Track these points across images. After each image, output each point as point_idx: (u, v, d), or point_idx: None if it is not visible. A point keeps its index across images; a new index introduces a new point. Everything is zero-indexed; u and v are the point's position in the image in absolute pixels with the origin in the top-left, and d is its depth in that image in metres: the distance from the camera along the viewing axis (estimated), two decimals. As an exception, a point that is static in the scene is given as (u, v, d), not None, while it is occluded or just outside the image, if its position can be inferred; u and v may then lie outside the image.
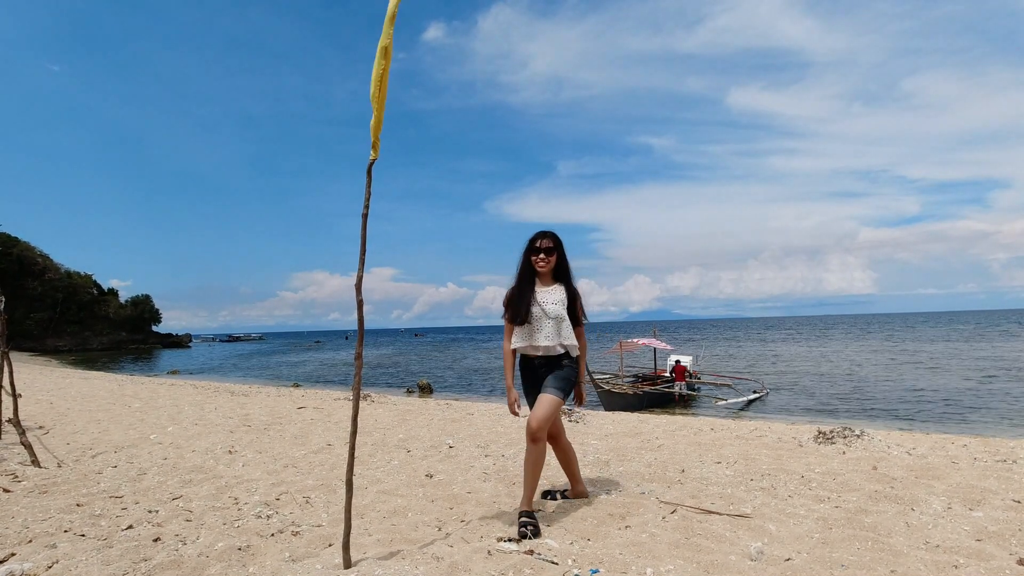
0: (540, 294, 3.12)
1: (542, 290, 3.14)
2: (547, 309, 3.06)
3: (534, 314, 3.07)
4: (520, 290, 3.12)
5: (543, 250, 3.12)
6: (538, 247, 3.13)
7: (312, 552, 2.61)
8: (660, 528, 2.88)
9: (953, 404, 13.90)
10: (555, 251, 3.13)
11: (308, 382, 22.75)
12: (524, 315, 3.07)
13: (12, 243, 56.82)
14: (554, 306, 3.07)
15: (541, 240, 3.15)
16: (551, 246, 3.13)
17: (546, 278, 3.19)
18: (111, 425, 6.88)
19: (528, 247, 3.17)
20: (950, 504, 3.24)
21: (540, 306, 3.07)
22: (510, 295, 3.15)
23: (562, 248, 3.18)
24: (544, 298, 3.10)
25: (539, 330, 3.07)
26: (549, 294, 3.12)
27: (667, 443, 5.46)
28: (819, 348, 38.54)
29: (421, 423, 7.06)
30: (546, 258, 3.13)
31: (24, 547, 2.65)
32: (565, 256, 3.20)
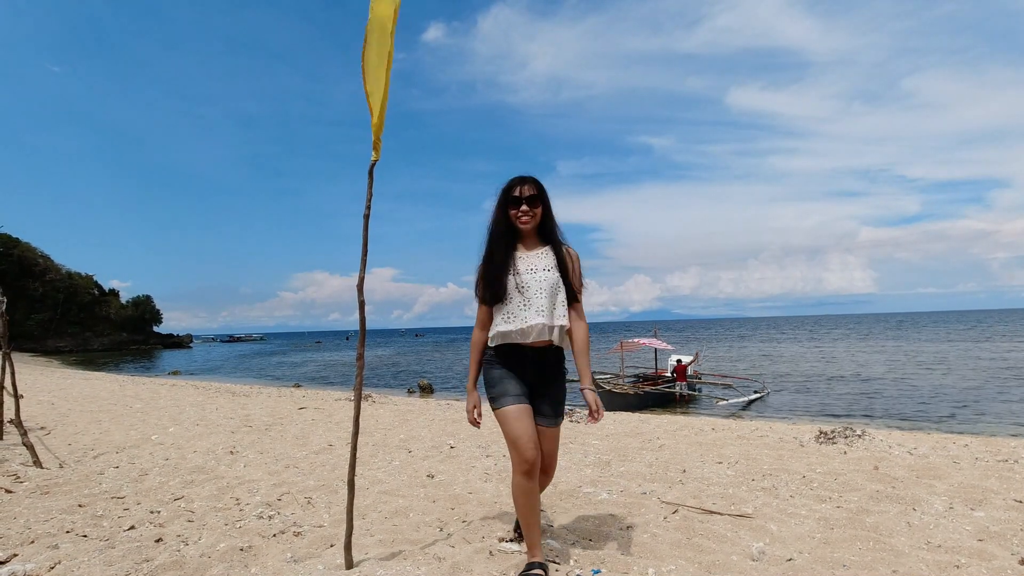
0: (525, 260, 2.39)
1: (527, 255, 2.41)
2: (538, 276, 2.33)
3: (520, 285, 2.33)
4: (497, 255, 2.38)
5: (525, 200, 2.37)
6: (517, 196, 2.37)
7: (314, 553, 2.61)
8: (662, 528, 2.88)
9: (954, 404, 13.89)
10: (540, 201, 2.40)
11: (309, 383, 22.76)
12: (505, 288, 2.33)
13: (13, 244, 56.87)
14: (547, 272, 2.35)
15: (521, 187, 2.38)
16: (534, 194, 2.38)
17: (530, 238, 2.45)
18: (112, 426, 6.88)
19: (503, 198, 2.41)
20: (952, 504, 3.23)
21: (528, 274, 2.35)
22: (485, 264, 2.42)
23: (547, 198, 2.45)
24: (532, 264, 2.38)
25: (527, 306, 2.32)
26: (538, 259, 2.39)
27: (668, 443, 5.46)
28: (820, 348, 38.52)
29: (422, 423, 7.06)
30: (529, 210, 2.38)
31: (26, 548, 2.65)
32: (551, 208, 2.46)
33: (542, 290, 2.32)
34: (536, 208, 2.40)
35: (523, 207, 2.38)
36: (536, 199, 2.39)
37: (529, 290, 2.32)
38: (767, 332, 78.53)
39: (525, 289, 2.33)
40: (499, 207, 2.43)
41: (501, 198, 2.43)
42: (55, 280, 60.94)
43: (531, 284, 2.33)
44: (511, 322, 2.34)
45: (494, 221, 2.44)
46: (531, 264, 2.38)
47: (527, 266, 2.37)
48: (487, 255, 2.43)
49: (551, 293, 2.33)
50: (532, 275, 2.35)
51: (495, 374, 2.38)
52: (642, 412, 11.39)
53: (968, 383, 17.56)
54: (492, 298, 2.36)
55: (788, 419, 11.25)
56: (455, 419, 7.52)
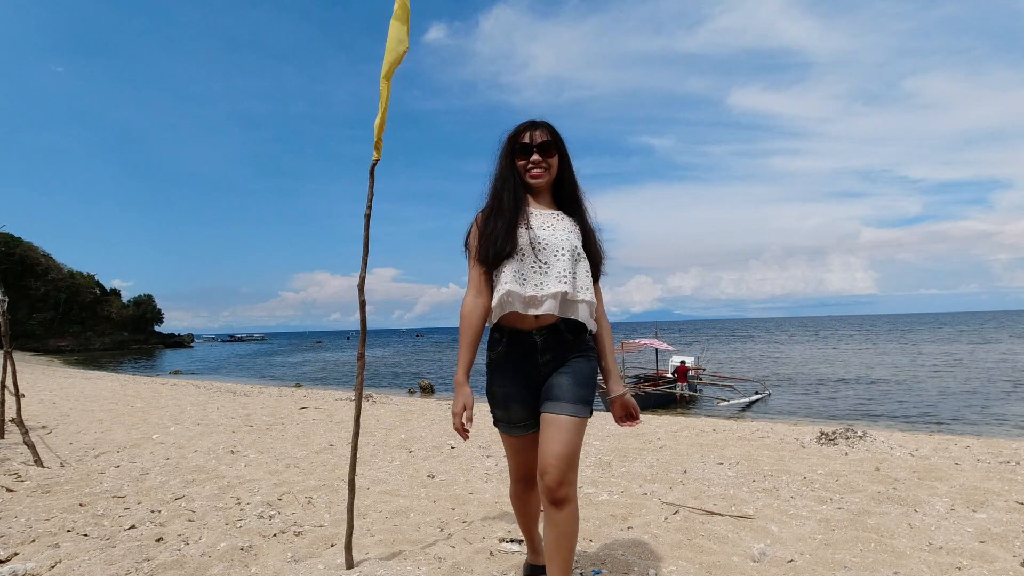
0: (538, 217, 1.89)
1: (540, 212, 1.91)
2: (557, 235, 1.83)
3: (535, 242, 1.80)
4: (505, 203, 1.85)
5: (536, 148, 1.85)
6: (527, 143, 1.86)
7: (314, 552, 2.61)
8: (662, 529, 2.87)
9: (956, 405, 13.86)
10: (556, 149, 1.89)
11: (310, 382, 22.77)
12: (511, 243, 1.79)
13: (15, 243, 56.98)
14: (566, 232, 1.85)
15: (531, 132, 1.87)
16: (548, 140, 1.86)
17: (543, 199, 1.94)
18: (114, 425, 6.89)
19: (509, 147, 1.90)
20: (953, 506, 3.23)
21: (544, 230, 1.83)
22: (487, 213, 1.89)
23: (565, 146, 1.92)
24: (547, 222, 1.87)
25: (543, 269, 1.79)
26: (554, 219, 1.89)
27: (669, 444, 5.45)
28: (821, 349, 38.48)
29: (423, 423, 7.06)
30: (542, 160, 1.86)
31: (27, 547, 2.65)
32: (570, 160, 1.95)
33: (563, 251, 1.80)
34: (551, 158, 1.88)
35: (534, 156, 1.86)
36: (551, 146, 1.87)
37: (547, 250, 1.80)
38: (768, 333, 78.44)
39: (541, 248, 1.80)
40: (503, 158, 1.91)
41: (506, 147, 1.91)
42: (57, 279, 61.06)
43: (551, 243, 1.81)
44: (522, 283, 1.78)
45: (497, 176, 1.92)
46: (546, 222, 1.87)
47: (542, 222, 1.86)
48: (492, 203, 1.89)
49: (573, 258, 1.82)
50: (550, 232, 1.83)
51: (499, 393, 1.87)
52: (643, 413, 11.39)
53: (970, 385, 17.53)
54: (496, 256, 1.80)
55: (789, 420, 11.24)
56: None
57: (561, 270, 1.78)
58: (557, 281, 1.77)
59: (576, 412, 1.74)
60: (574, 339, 1.84)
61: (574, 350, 1.83)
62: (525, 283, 1.79)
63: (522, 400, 1.85)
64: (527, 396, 1.85)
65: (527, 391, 1.85)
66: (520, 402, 1.85)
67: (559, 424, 1.73)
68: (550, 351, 1.82)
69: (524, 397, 1.85)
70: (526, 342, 1.82)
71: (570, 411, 1.74)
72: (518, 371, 1.84)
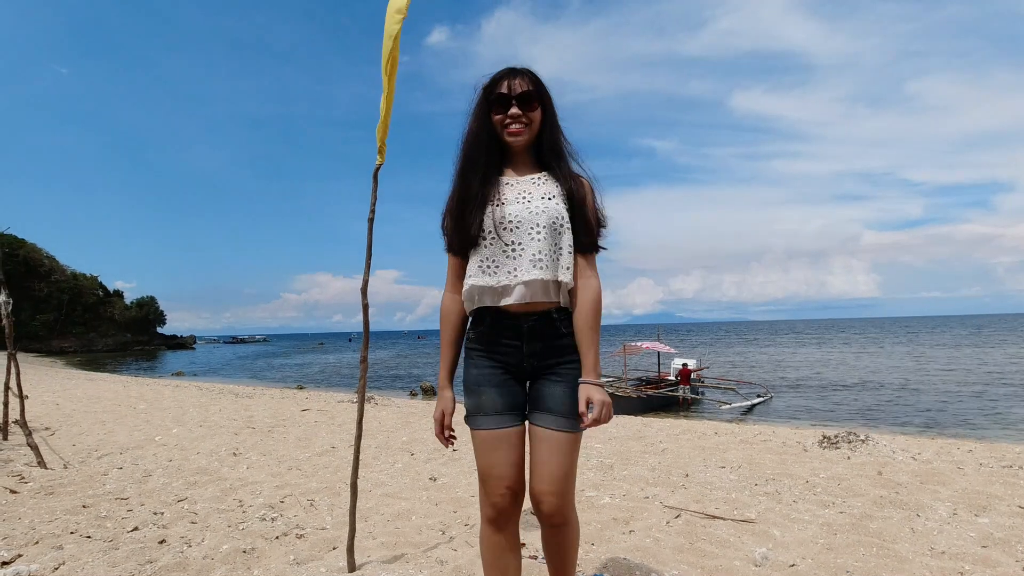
0: (514, 187, 1.62)
1: (518, 180, 1.64)
2: (533, 207, 1.57)
3: (505, 220, 1.56)
4: (472, 177, 1.61)
5: (516, 99, 1.58)
6: (505, 93, 1.59)
7: (316, 555, 2.61)
8: (664, 533, 2.87)
9: (958, 409, 13.82)
10: (538, 101, 1.62)
11: (312, 384, 22.79)
12: (481, 225, 1.57)
13: (18, 245, 57.18)
14: (544, 201, 1.58)
15: (510, 80, 1.60)
16: (529, 90, 1.59)
17: (523, 160, 1.68)
18: (116, 427, 6.90)
19: (483, 98, 1.63)
20: (956, 510, 3.22)
21: (518, 203, 1.58)
22: (455, 192, 1.66)
23: (550, 98, 1.65)
24: (524, 191, 1.61)
25: (516, 252, 1.56)
26: (533, 186, 1.63)
27: (671, 447, 5.45)
28: (823, 352, 38.40)
29: (425, 426, 7.06)
30: (523, 115, 1.59)
31: (31, 548, 2.66)
32: (555, 114, 1.67)
33: (539, 227, 1.55)
34: (533, 111, 1.60)
35: (513, 110, 1.58)
36: (532, 98, 1.59)
37: (520, 229, 1.55)
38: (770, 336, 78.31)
39: (514, 227, 1.56)
40: (477, 112, 1.64)
41: (480, 98, 1.63)
42: (60, 281, 61.28)
43: (523, 219, 1.56)
44: (491, 273, 1.57)
45: (468, 133, 1.65)
46: (523, 191, 1.61)
47: (517, 194, 1.60)
48: (459, 174, 1.65)
49: (552, 232, 1.56)
50: (524, 205, 1.57)
51: (471, 375, 1.63)
52: (645, 416, 11.37)
53: (973, 388, 17.48)
54: (462, 242, 1.60)
55: (791, 423, 11.22)
56: (457, 421, 7.52)
57: (536, 251, 1.54)
58: (531, 264, 1.53)
59: (572, 427, 1.55)
60: (568, 332, 1.58)
61: (570, 349, 1.58)
62: (497, 271, 1.56)
63: (498, 385, 1.59)
64: (504, 383, 1.60)
65: (506, 377, 1.60)
66: (496, 387, 1.59)
67: (553, 442, 1.54)
68: (539, 340, 1.57)
69: (500, 382, 1.59)
70: (509, 327, 1.59)
71: (566, 426, 1.54)
72: (498, 353, 1.60)
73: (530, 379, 1.63)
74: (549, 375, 1.59)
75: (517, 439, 1.59)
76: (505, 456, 1.57)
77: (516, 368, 1.60)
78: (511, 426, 1.59)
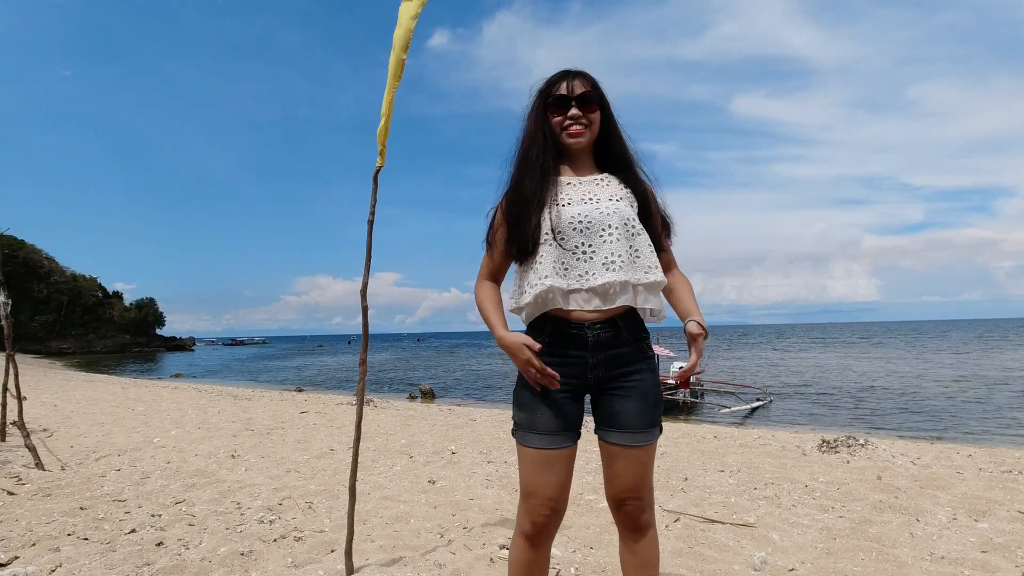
0: (577, 187, 1.57)
1: (579, 181, 1.59)
2: (603, 208, 1.51)
3: (574, 221, 1.50)
4: (530, 178, 1.55)
5: (575, 100, 1.55)
6: (565, 95, 1.55)
7: (314, 558, 2.61)
8: (663, 537, 2.86)
9: (958, 414, 13.81)
10: (597, 103, 1.57)
11: (311, 386, 22.76)
12: (536, 227, 1.51)
13: (18, 246, 57.22)
14: (613, 202, 1.52)
15: (569, 82, 1.56)
16: (587, 91, 1.56)
17: (582, 162, 1.63)
18: (115, 428, 6.89)
19: (541, 101, 1.60)
20: (955, 515, 3.22)
21: (586, 204, 1.52)
22: (511, 192, 1.59)
23: (607, 99, 1.61)
24: (589, 192, 1.56)
25: (589, 253, 1.49)
26: (597, 187, 1.57)
27: (670, 451, 5.44)
28: (823, 356, 38.40)
29: (424, 429, 7.06)
30: (583, 115, 1.56)
31: (27, 550, 2.65)
32: (614, 116, 1.62)
33: (611, 228, 1.49)
34: (592, 112, 1.56)
35: (572, 111, 1.54)
36: (592, 99, 1.55)
37: (590, 230, 1.49)
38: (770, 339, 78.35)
39: (583, 227, 1.49)
40: (533, 115, 1.60)
41: (538, 101, 1.59)
42: (59, 282, 61.29)
43: (594, 219, 1.49)
44: (564, 274, 1.48)
45: (525, 135, 1.60)
46: (587, 193, 1.55)
47: (582, 195, 1.55)
48: (517, 175, 1.58)
49: (626, 234, 1.49)
50: (593, 206, 1.51)
51: (525, 393, 1.53)
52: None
53: (973, 393, 17.47)
54: (520, 245, 1.52)
55: (791, 427, 11.22)
56: (456, 424, 7.51)
57: (609, 253, 1.47)
58: (605, 269, 1.46)
59: (651, 438, 1.51)
60: (634, 339, 1.51)
61: (636, 358, 1.51)
62: (567, 273, 1.48)
63: (554, 404, 1.49)
64: (561, 400, 1.49)
65: (564, 395, 1.50)
66: (552, 405, 1.49)
67: (632, 457, 1.50)
68: (603, 350, 1.49)
69: (557, 400, 1.49)
70: (574, 336, 1.49)
71: (645, 440, 1.49)
72: (559, 366, 1.48)
73: (594, 392, 1.54)
74: (616, 389, 1.50)
75: (568, 460, 1.53)
76: (554, 477, 1.51)
77: (578, 381, 1.51)
78: (563, 447, 1.51)
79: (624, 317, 1.51)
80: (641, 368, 1.52)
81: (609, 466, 1.53)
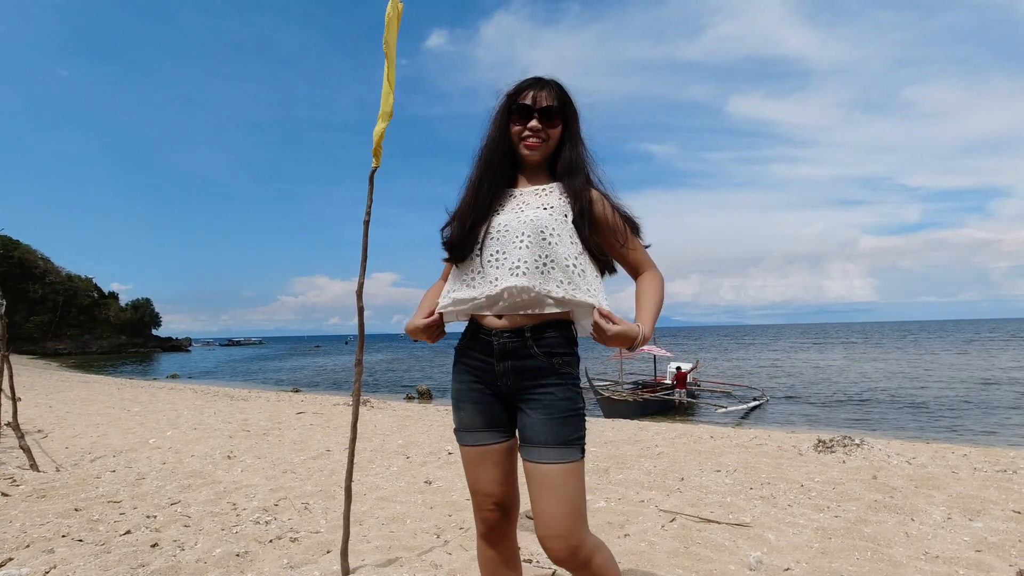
0: (518, 197, 1.56)
1: (522, 191, 1.58)
2: (524, 217, 1.48)
3: (494, 230, 1.50)
4: (481, 186, 1.55)
5: (538, 112, 1.51)
6: (527, 105, 1.52)
7: (310, 559, 2.60)
8: (659, 537, 2.87)
9: (954, 413, 13.87)
10: (561, 118, 1.54)
11: (308, 387, 22.72)
12: (474, 235, 1.52)
13: (13, 246, 57.00)
14: (539, 211, 1.49)
15: (536, 93, 1.52)
16: (552, 105, 1.52)
17: (537, 170, 1.61)
18: (110, 429, 6.87)
19: (507, 104, 1.55)
20: (950, 514, 3.23)
21: (512, 213, 1.51)
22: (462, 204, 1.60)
23: (576, 115, 1.58)
24: (524, 201, 1.54)
25: (500, 261, 1.47)
26: (535, 196, 1.55)
27: (667, 451, 5.45)
28: (820, 356, 38.50)
29: (420, 429, 7.05)
30: (542, 130, 1.53)
31: (21, 552, 2.64)
32: (580, 132, 1.59)
33: (523, 235, 1.46)
34: (553, 128, 1.53)
35: (532, 123, 1.51)
36: (554, 113, 1.52)
37: (506, 237, 1.47)
38: (768, 340, 78.54)
39: (500, 236, 1.49)
40: (497, 119, 1.56)
41: (503, 105, 1.55)
42: (55, 282, 61.06)
43: (511, 228, 1.48)
44: (472, 284, 1.51)
45: (488, 139, 1.58)
46: (522, 202, 1.54)
47: (516, 204, 1.54)
48: (469, 185, 1.59)
49: (538, 241, 1.44)
50: (516, 215, 1.50)
51: (454, 389, 1.59)
52: (641, 419, 11.37)
53: (967, 393, 17.54)
54: (453, 250, 1.55)
55: (787, 427, 11.24)
56: (452, 424, 7.50)
57: (516, 260, 1.44)
58: (510, 275, 1.43)
59: (561, 457, 1.38)
60: (545, 353, 1.44)
61: (546, 372, 1.44)
62: (474, 283, 1.50)
63: (477, 402, 1.52)
64: (483, 399, 1.52)
65: (483, 394, 1.52)
66: (474, 403, 1.52)
67: (545, 478, 1.38)
68: (509, 359, 1.46)
69: (479, 399, 1.52)
70: (484, 341, 1.50)
71: (553, 457, 1.38)
72: (475, 369, 1.53)
73: (507, 402, 1.51)
74: (524, 401, 1.46)
75: (499, 456, 1.52)
76: (488, 473, 1.52)
77: (492, 387, 1.51)
78: (492, 443, 1.52)
79: (536, 329, 1.46)
80: (551, 383, 1.43)
81: (530, 492, 1.42)
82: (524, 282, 1.42)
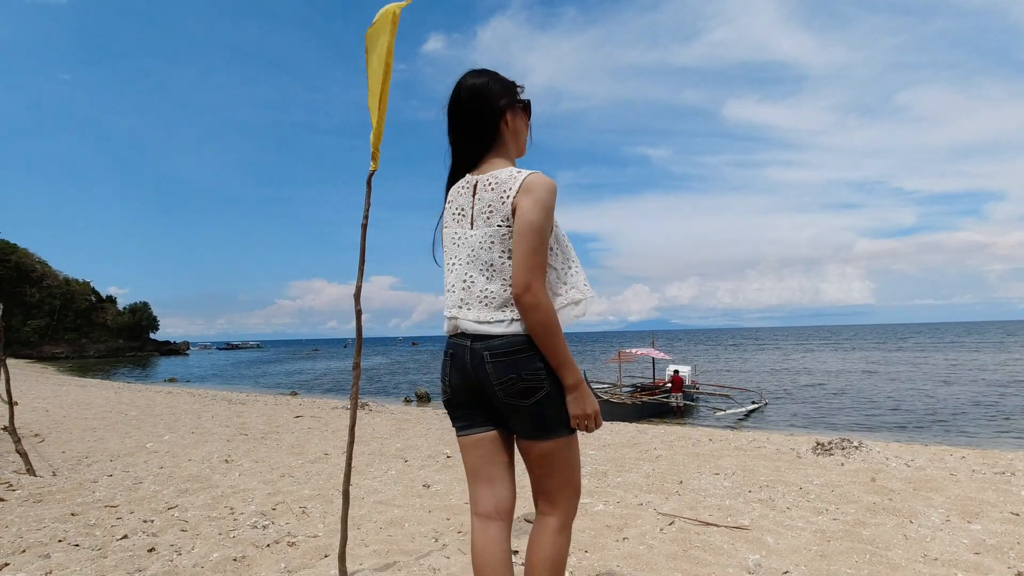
0: None
1: None
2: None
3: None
4: None
5: None
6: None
7: (308, 563, 2.59)
8: (658, 540, 2.87)
9: (952, 416, 13.88)
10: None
11: (305, 391, 22.67)
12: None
13: (11, 250, 56.89)
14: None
15: None
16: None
17: None
18: (107, 433, 6.84)
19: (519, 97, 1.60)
20: (948, 517, 3.23)
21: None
22: None
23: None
24: None
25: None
26: None
27: (665, 454, 5.44)
28: (817, 359, 38.54)
29: (419, 432, 7.03)
30: None
31: (17, 557, 2.63)
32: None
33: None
34: None
35: None
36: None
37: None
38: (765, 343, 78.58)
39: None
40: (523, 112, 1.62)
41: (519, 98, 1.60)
42: (52, 286, 60.94)
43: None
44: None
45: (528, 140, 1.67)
46: None
47: None
48: None
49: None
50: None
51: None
52: (639, 422, 11.37)
53: (965, 395, 17.57)
54: None
55: (785, 430, 11.24)
56: (452, 428, 7.49)
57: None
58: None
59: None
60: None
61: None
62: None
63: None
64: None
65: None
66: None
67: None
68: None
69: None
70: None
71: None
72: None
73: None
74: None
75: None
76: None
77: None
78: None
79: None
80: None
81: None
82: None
